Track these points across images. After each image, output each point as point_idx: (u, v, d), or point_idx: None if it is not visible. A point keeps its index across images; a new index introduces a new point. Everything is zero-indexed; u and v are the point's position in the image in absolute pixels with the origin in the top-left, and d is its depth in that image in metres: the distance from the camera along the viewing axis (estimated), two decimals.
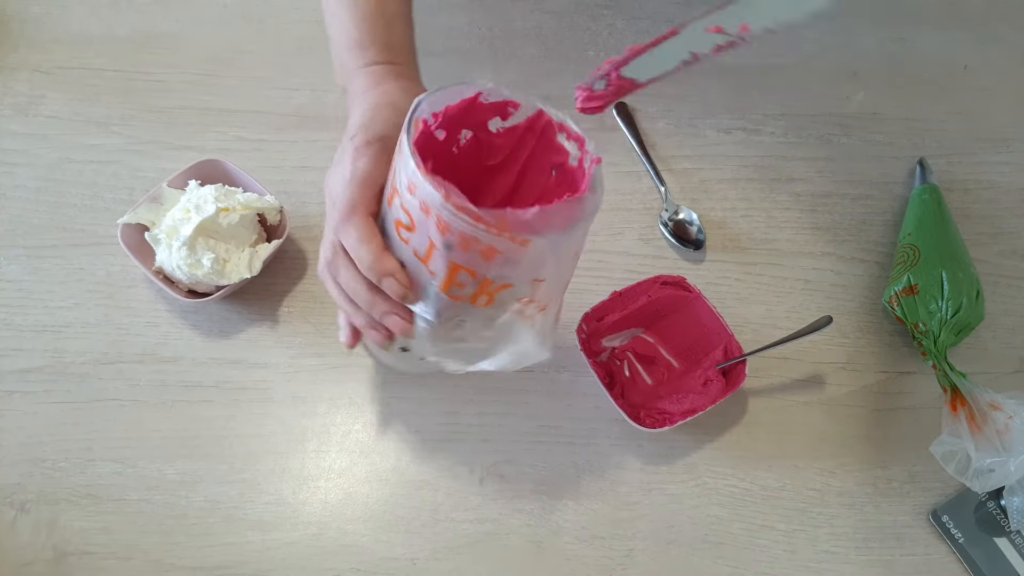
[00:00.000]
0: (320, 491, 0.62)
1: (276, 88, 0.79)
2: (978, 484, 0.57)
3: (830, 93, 0.82)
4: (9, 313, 0.67)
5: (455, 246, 0.42)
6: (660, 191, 0.75)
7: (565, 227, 0.42)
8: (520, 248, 0.42)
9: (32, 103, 0.77)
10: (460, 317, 0.47)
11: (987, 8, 0.88)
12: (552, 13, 0.85)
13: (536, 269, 0.44)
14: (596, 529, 0.61)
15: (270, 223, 0.68)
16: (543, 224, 0.41)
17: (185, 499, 0.61)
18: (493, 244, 0.41)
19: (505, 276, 0.44)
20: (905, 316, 0.66)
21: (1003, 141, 0.80)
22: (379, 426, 0.64)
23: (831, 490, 0.64)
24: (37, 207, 0.72)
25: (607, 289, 0.65)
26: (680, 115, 0.79)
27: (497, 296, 0.45)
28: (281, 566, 0.59)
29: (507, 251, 0.42)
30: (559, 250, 0.44)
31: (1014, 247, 0.75)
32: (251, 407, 0.65)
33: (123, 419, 0.64)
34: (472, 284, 0.44)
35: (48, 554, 0.59)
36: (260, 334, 0.67)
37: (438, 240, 0.43)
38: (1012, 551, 0.61)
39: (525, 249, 0.42)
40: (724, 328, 0.64)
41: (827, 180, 0.77)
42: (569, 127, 0.48)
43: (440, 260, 0.44)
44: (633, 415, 0.61)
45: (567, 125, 0.49)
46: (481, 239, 0.41)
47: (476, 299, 0.45)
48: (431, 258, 0.44)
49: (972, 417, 0.59)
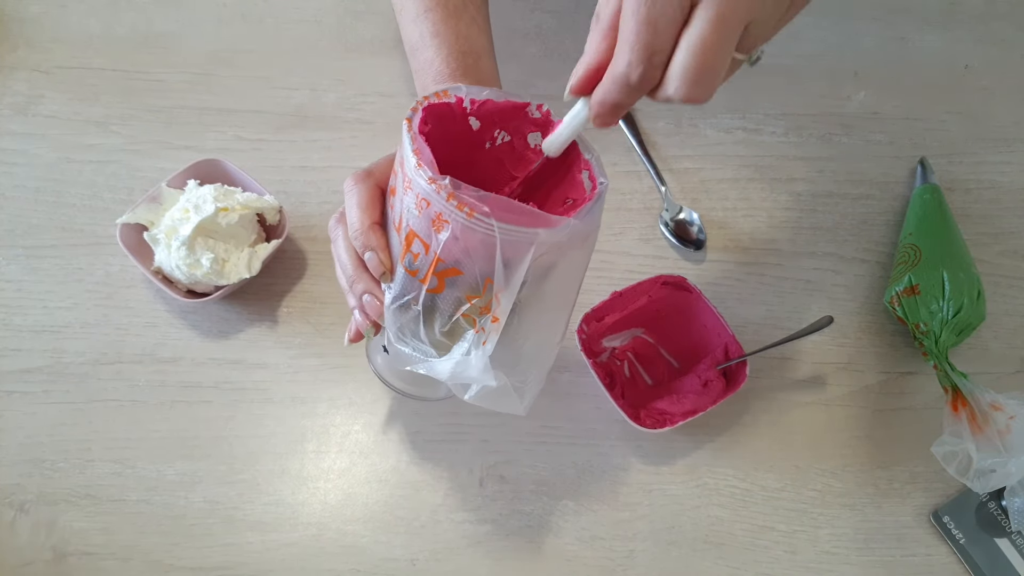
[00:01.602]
0: (320, 492, 0.62)
1: (275, 88, 0.78)
2: (979, 485, 0.57)
3: (831, 93, 0.82)
4: (8, 313, 0.67)
5: (412, 207, 0.42)
6: (660, 191, 0.75)
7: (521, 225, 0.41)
8: (467, 223, 0.41)
9: (31, 103, 0.77)
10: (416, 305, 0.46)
11: (987, 8, 0.88)
12: (552, 13, 0.85)
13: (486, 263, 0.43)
14: (596, 530, 0.61)
15: (269, 223, 0.68)
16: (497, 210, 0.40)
17: (184, 500, 0.61)
18: (442, 211, 0.41)
19: (452, 256, 0.43)
20: (906, 316, 0.66)
21: (1004, 141, 0.80)
22: (379, 427, 0.64)
23: (832, 491, 0.64)
24: (36, 207, 0.72)
25: (607, 289, 0.65)
26: (680, 115, 0.79)
27: (446, 282, 0.44)
28: (280, 567, 0.59)
29: (454, 222, 0.41)
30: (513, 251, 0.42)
31: (1015, 247, 0.74)
32: (250, 408, 0.64)
33: (122, 419, 0.64)
34: (424, 258, 0.43)
35: (47, 554, 0.59)
36: (259, 334, 0.67)
37: (404, 200, 0.43)
38: (1013, 552, 0.61)
39: (471, 226, 0.41)
40: (725, 328, 0.64)
41: (828, 180, 0.77)
42: (592, 167, 0.48)
43: (404, 224, 0.44)
44: (633, 415, 0.61)
45: (591, 165, 0.48)
46: (432, 202, 0.41)
47: (427, 278, 0.44)
48: (400, 225, 0.44)
49: (973, 417, 0.59)
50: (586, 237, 0.46)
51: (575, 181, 0.49)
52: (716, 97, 0.77)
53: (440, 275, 0.44)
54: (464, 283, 0.44)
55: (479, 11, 0.61)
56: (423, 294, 0.45)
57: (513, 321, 0.45)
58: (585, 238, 0.46)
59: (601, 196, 0.46)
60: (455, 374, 0.46)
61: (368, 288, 0.48)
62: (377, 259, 0.46)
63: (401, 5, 0.61)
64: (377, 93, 0.78)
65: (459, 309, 0.45)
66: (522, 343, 0.47)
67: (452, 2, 0.59)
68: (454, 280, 0.44)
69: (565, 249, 0.44)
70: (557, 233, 0.42)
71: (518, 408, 0.48)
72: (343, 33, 0.82)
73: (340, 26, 0.83)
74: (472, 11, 0.60)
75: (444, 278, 0.44)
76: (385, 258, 0.46)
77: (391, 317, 0.47)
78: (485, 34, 0.61)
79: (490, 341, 0.44)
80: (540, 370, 0.50)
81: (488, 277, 0.43)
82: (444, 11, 0.59)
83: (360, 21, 0.83)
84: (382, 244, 0.47)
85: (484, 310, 0.45)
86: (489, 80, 0.59)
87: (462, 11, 0.59)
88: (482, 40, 0.60)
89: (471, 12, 0.60)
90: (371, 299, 0.48)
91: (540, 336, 0.49)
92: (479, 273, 0.43)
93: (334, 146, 0.76)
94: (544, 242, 0.42)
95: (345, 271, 0.49)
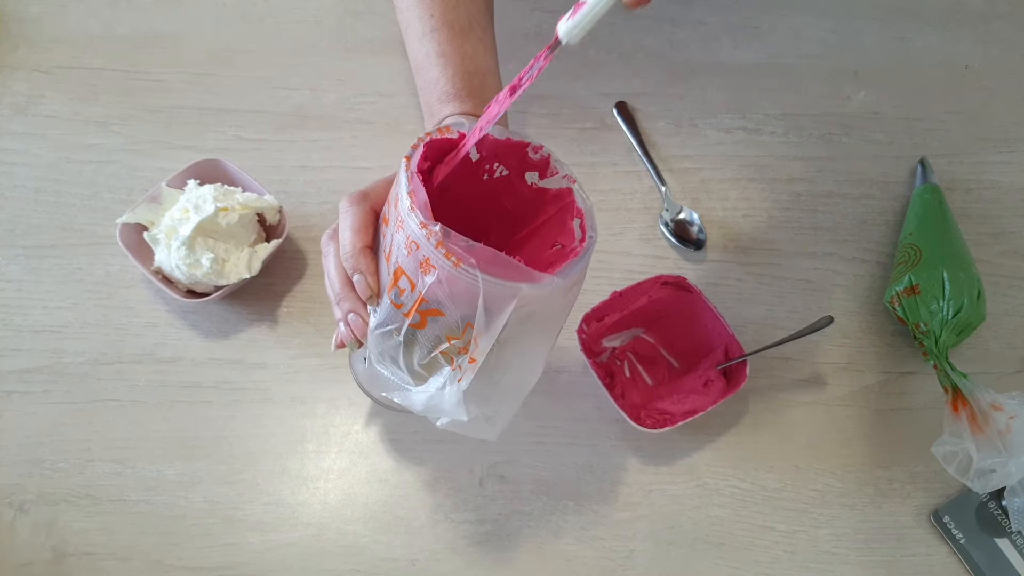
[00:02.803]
0: (319, 492, 0.62)
1: (275, 88, 0.78)
2: (979, 485, 0.57)
3: (831, 93, 0.82)
4: (8, 313, 0.67)
5: (402, 246, 0.43)
6: (661, 191, 0.75)
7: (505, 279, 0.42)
8: (453, 272, 0.41)
9: (31, 103, 0.77)
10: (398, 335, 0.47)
11: (987, 8, 0.88)
12: (552, 13, 0.85)
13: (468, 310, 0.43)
14: (596, 530, 0.61)
15: (269, 223, 0.68)
16: (484, 262, 0.41)
17: (184, 500, 0.61)
18: (430, 256, 0.42)
19: (436, 299, 0.43)
20: (906, 316, 0.66)
21: (1004, 141, 0.80)
22: (379, 427, 0.64)
23: (832, 491, 0.64)
24: (36, 207, 0.72)
25: (607, 289, 0.65)
26: (680, 115, 0.79)
27: (428, 320, 0.45)
28: (280, 567, 0.59)
29: (440, 268, 0.42)
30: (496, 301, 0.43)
31: (1015, 247, 0.74)
32: (250, 408, 0.64)
33: (122, 419, 0.64)
34: (410, 295, 0.44)
35: (47, 554, 0.59)
36: (259, 334, 0.67)
37: (396, 237, 0.44)
38: (1013, 552, 0.61)
39: (457, 275, 0.42)
40: (725, 328, 0.64)
41: (828, 180, 0.77)
42: (585, 218, 0.49)
43: (393, 259, 0.44)
44: (634, 415, 0.61)
45: (584, 215, 0.49)
46: (421, 245, 0.42)
47: (410, 314, 0.45)
48: (390, 257, 0.45)
49: (973, 417, 0.59)
50: (569, 289, 0.46)
51: (566, 227, 0.50)
52: (716, 97, 0.77)
53: (423, 313, 0.44)
54: (445, 324, 0.45)
55: (485, 31, 0.61)
56: (405, 327, 0.45)
57: (491, 357, 0.45)
58: (568, 290, 0.46)
59: (588, 251, 0.46)
60: (428, 407, 0.47)
61: (354, 308, 0.48)
62: (365, 283, 0.47)
63: (408, 24, 0.61)
64: (377, 93, 0.78)
65: (438, 346, 0.46)
66: (499, 377, 0.48)
67: (459, 22, 0.59)
68: (436, 319, 0.45)
69: (547, 299, 0.45)
70: (540, 288, 0.43)
71: (490, 435, 0.49)
72: (343, 33, 0.82)
73: (340, 26, 0.83)
74: (479, 31, 0.60)
75: (427, 316, 0.45)
76: (373, 282, 0.47)
77: (374, 341, 0.48)
78: (491, 54, 0.61)
79: (465, 379, 0.45)
80: (515, 400, 0.51)
81: (469, 321, 0.44)
82: (451, 31, 0.59)
83: (360, 21, 0.83)
84: (371, 269, 0.47)
85: (463, 350, 0.45)
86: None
87: (468, 31, 0.59)
88: (488, 60, 0.60)
89: (477, 32, 0.60)
90: (356, 318, 0.49)
91: (518, 371, 0.49)
92: (460, 317, 0.44)
93: (334, 146, 0.76)
94: (527, 296, 0.43)
95: (333, 287, 0.50)
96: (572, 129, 0.77)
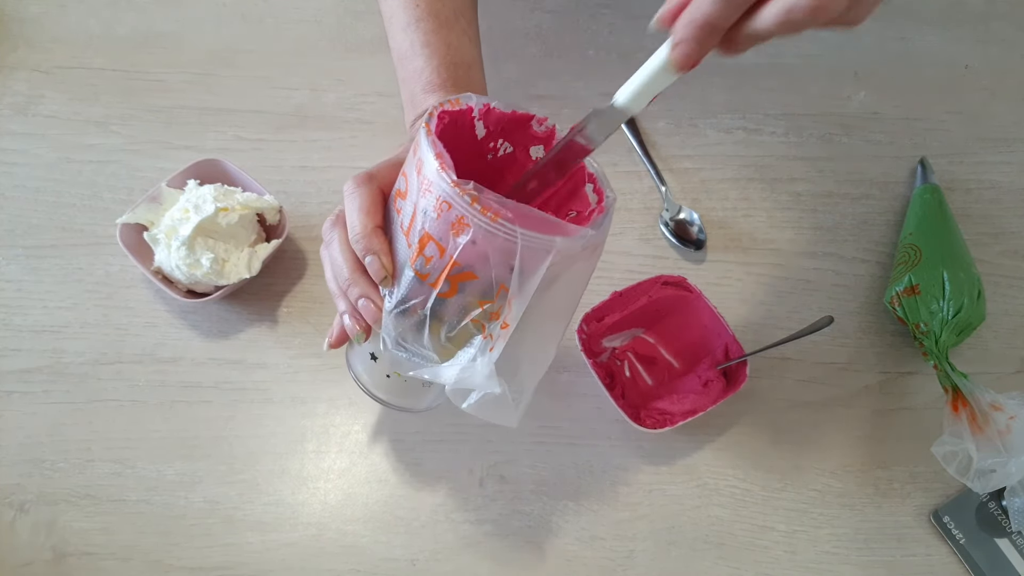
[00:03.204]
0: (319, 492, 0.62)
1: (275, 88, 0.78)
2: (979, 485, 0.57)
3: (831, 93, 0.82)
4: (8, 313, 0.67)
5: (431, 210, 0.42)
6: (661, 191, 0.75)
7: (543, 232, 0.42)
8: (490, 227, 0.41)
9: (31, 103, 0.77)
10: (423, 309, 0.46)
11: (987, 8, 0.88)
12: (552, 13, 0.85)
13: (502, 269, 0.43)
14: (596, 530, 0.61)
15: (269, 223, 0.68)
16: (519, 216, 0.41)
17: (184, 500, 0.61)
18: (465, 214, 0.41)
19: (469, 261, 0.43)
20: (906, 316, 0.66)
21: (1005, 141, 0.80)
22: (379, 427, 0.64)
23: (832, 491, 0.63)
24: (36, 207, 0.72)
25: (607, 289, 0.65)
26: (681, 115, 0.79)
27: (459, 286, 0.44)
28: (280, 567, 0.59)
29: (476, 227, 0.41)
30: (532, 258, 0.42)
31: (1015, 247, 0.74)
32: (250, 408, 0.64)
33: (122, 419, 0.64)
34: (438, 262, 0.43)
35: (47, 555, 0.59)
36: (259, 334, 0.67)
37: (420, 203, 0.43)
38: (1013, 552, 0.61)
39: (494, 233, 0.41)
40: (725, 328, 0.64)
41: (828, 180, 0.77)
42: (597, 180, 0.48)
43: (417, 227, 0.44)
44: (634, 416, 0.61)
45: (596, 178, 0.49)
46: (455, 205, 0.41)
47: (439, 283, 0.44)
48: (412, 228, 0.44)
49: (973, 418, 0.59)
50: (595, 248, 0.46)
51: (578, 194, 0.50)
52: (716, 97, 0.77)
53: (454, 279, 0.44)
54: (477, 288, 0.44)
55: (470, 23, 0.61)
56: (433, 298, 0.44)
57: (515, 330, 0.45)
58: (594, 249, 0.46)
59: (610, 208, 0.46)
60: (460, 379, 0.46)
61: (365, 292, 0.47)
62: (379, 263, 0.46)
63: (391, 13, 0.61)
64: (377, 93, 0.78)
65: (469, 314, 0.45)
66: (521, 352, 0.47)
67: (443, 13, 0.59)
68: (467, 285, 0.44)
69: (574, 259, 0.45)
70: (574, 242, 0.43)
71: (511, 419, 0.48)
72: (343, 33, 0.82)
73: (340, 26, 0.83)
74: (463, 23, 0.60)
75: (458, 282, 0.44)
76: (387, 262, 0.46)
77: (391, 322, 0.47)
78: (475, 46, 0.61)
79: (497, 347, 0.44)
80: (532, 381, 0.50)
81: (503, 283, 0.43)
82: (436, 21, 0.59)
83: (360, 21, 0.83)
84: (385, 248, 0.46)
85: (494, 316, 0.45)
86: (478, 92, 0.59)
87: (453, 22, 0.59)
88: (473, 52, 0.60)
89: (462, 24, 0.60)
90: (367, 303, 0.47)
91: (537, 346, 0.49)
92: (494, 278, 0.43)
93: (334, 146, 0.76)
94: (560, 251, 0.42)
95: (340, 275, 0.48)
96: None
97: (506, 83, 0.79)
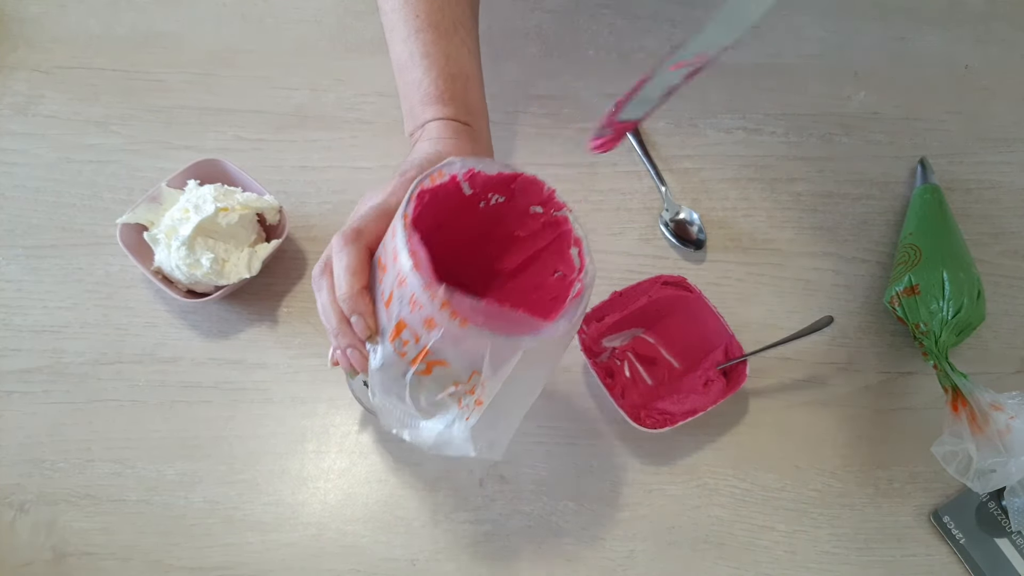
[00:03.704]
0: (319, 492, 0.62)
1: (275, 88, 0.78)
2: (979, 485, 0.57)
3: (831, 93, 0.82)
4: (8, 313, 0.67)
5: (406, 301, 0.43)
6: (661, 191, 0.75)
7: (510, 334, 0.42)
8: (459, 330, 0.42)
9: (31, 103, 0.77)
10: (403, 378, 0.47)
11: (987, 8, 0.88)
12: (552, 13, 0.85)
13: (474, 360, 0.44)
14: (596, 530, 0.61)
15: (269, 223, 0.68)
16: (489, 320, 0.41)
17: (184, 500, 0.61)
18: (434, 316, 0.42)
19: (443, 352, 0.43)
20: (906, 316, 0.66)
21: (1004, 141, 0.80)
22: (379, 427, 0.64)
23: (832, 491, 0.63)
24: (36, 207, 0.72)
25: (607, 289, 0.65)
26: (680, 115, 0.79)
27: (434, 369, 0.45)
28: (280, 567, 0.59)
29: (445, 327, 0.42)
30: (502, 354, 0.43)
31: (1015, 247, 0.74)
32: (250, 408, 0.64)
33: (122, 419, 0.64)
34: (414, 347, 0.44)
35: (47, 555, 0.59)
36: (259, 334, 0.67)
37: (396, 292, 0.43)
38: (1013, 552, 0.61)
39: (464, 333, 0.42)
40: (725, 328, 0.64)
41: (828, 180, 0.77)
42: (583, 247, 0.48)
43: (394, 310, 0.44)
44: (634, 415, 0.61)
45: (582, 244, 0.48)
46: (424, 305, 0.41)
47: (415, 362, 0.45)
48: (390, 307, 0.45)
49: (973, 417, 0.59)
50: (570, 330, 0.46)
51: (565, 255, 0.50)
52: (716, 97, 0.78)
53: (429, 363, 0.44)
54: (451, 373, 0.45)
55: (469, 34, 0.61)
56: (411, 374, 0.45)
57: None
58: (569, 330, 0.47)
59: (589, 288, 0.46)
60: (438, 443, 0.47)
61: (352, 343, 0.48)
62: (364, 324, 0.46)
63: (392, 24, 0.61)
64: (377, 93, 0.78)
65: (444, 390, 0.46)
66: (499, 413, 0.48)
67: (443, 24, 0.59)
68: (440, 369, 0.45)
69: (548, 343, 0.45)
70: (545, 335, 0.44)
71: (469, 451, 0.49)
72: (343, 33, 0.82)
73: (340, 26, 0.83)
74: (463, 34, 0.60)
75: (433, 366, 0.45)
76: (372, 324, 0.46)
77: (377, 378, 0.48)
78: (475, 58, 0.61)
79: (473, 417, 0.46)
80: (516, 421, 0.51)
81: (475, 369, 0.44)
82: (435, 33, 0.59)
83: (360, 21, 0.83)
84: (369, 310, 0.46)
85: (470, 392, 0.46)
86: (476, 104, 0.60)
87: (452, 34, 0.59)
88: (472, 64, 0.60)
89: (461, 35, 0.60)
90: (355, 352, 0.48)
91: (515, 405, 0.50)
92: (467, 365, 0.44)
93: (334, 146, 0.76)
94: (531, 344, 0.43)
95: (329, 323, 0.49)
96: (572, 129, 0.77)
97: (506, 83, 0.79)
